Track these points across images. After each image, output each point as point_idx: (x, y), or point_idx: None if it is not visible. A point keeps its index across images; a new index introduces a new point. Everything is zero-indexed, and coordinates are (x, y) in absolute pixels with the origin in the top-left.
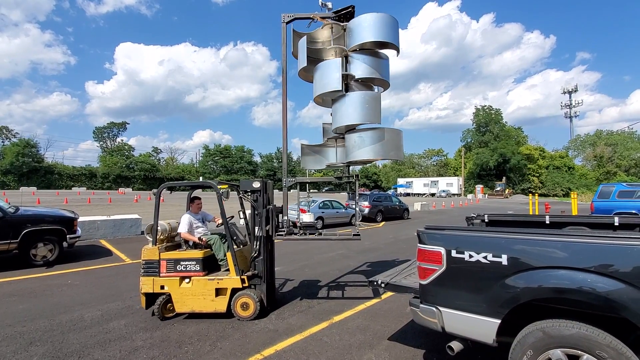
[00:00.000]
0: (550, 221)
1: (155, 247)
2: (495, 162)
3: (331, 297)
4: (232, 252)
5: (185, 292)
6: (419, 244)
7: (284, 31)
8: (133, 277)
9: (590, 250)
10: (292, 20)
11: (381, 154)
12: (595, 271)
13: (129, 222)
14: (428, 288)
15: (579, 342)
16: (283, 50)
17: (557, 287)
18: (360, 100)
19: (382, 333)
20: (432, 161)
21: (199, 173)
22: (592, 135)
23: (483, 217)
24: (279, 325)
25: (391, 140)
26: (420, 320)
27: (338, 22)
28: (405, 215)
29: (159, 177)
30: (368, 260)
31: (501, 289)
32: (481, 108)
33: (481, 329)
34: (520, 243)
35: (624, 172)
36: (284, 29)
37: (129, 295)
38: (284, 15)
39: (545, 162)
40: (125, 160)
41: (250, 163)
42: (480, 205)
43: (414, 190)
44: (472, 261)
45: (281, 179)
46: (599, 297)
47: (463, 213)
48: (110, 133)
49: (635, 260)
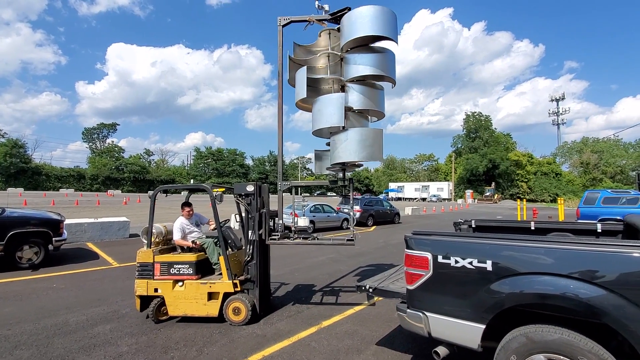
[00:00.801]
0: (535, 227)
1: (149, 249)
2: (484, 167)
3: (320, 302)
4: (224, 255)
5: (178, 296)
6: (406, 249)
7: (280, 34)
8: (120, 281)
9: (572, 257)
10: (288, 23)
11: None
12: (577, 277)
13: (117, 225)
14: (415, 293)
15: (562, 348)
16: (279, 54)
17: (541, 293)
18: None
19: (370, 338)
20: (424, 166)
21: (190, 176)
22: (578, 143)
23: (470, 223)
24: (267, 331)
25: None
26: (407, 326)
27: (334, 23)
28: (396, 220)
29: (149, 179)
30: (358, 265)
31: (486, 294)
32: (471, 114)
33: (466, 334)
34: (504, 249)
35: (609, 178)
36: (280, 32)
37: (115, 300)
38: (280, 18)
39: (533, 168)
40: (114, 161)
41: (242, 166)
42: (470, 210)
43: (405, 194)
44: (457, 266)
45: (273, 182)
46: (581, 303)
47: (452, 218)
48: (100, 134)
49: (615, 267)
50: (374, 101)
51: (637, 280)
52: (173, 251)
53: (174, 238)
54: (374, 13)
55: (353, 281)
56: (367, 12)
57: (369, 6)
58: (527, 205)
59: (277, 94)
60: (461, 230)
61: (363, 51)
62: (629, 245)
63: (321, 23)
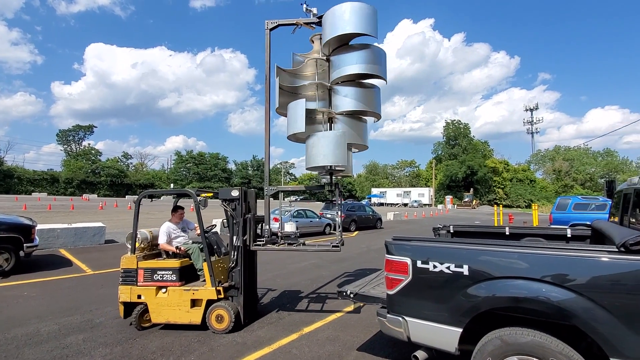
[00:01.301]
0: (509, 232)
1: (133, 255)
2: (463, 174)
3: (302, 308)
4: (208, 262)
5: (161, 302)
6: (386, 255)
7: (268, 38)
8: (94, 289)
9: (544, 261)
10: (275, 27)
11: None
12: (549, 281)
13: (92, 231)
14: (395, 298)
15: (534, 350)
16: (267, 57)
17: (515, 297)
18: (356, 10)
19: (351, 344)
20: (405, 172)
21: (170, 180)
22: (551, 151)
23: (449, 228)
24: (247, 338)
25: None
26: (387, 331)
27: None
28: (378, 225)
29: (127, 183)
30: (341, 270)
31: (463, 298)
32: (451, 122)
33: (444, 338)
34: (480, 254)
35: (580, 185)
36: (267, 36)
37: (89, 308)
38: (267, 22)
39: (509, 174)
40: (91, 165)
41: (224, 170)
42: (450, 216)
43: (387, 200)
44: (436, 271)
45: (256, 187)
46: (552, 306)
47: (433, 223)
48: (76, 136)
49: (584, 272)
50: (364, 101)
51: (604, 284)
52: (158, 257)
53: (159, 242)
54: (353, 9)
55: (335, 287)
56: (347, 9)
57: (349, 3)
58: (504, 211)
59: (265, 98)
60: (440, 236)
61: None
62: (597, 251)
63: (309, 26)
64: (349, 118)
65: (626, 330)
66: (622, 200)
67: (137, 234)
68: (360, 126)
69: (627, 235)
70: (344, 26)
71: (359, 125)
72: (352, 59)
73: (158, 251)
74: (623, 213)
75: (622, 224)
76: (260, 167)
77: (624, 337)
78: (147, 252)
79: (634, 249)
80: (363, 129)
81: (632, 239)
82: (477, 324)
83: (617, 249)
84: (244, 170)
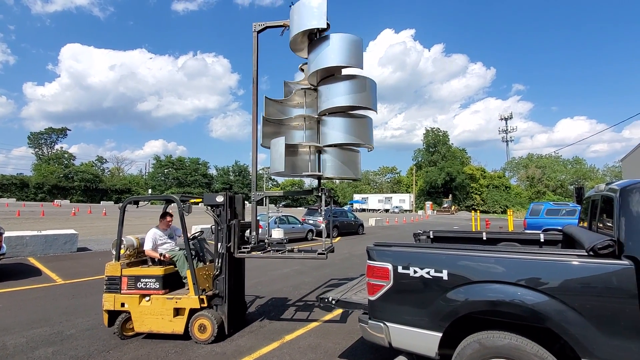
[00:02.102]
0: (487, 237)
1: (118, 262)
2: (442, 180)
3: (284, 315)
4: (191, 269)
5: (145, 311)
6: (368, 260)
7: (256, 40)
8: (65, 300)
9: (519, 266)
10: (263, 29)
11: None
12: (524, 285)
13: (63, 238)
14: (376, 304)
15: (511, 352)
16: (254, 59)
17: (492, 300)
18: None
19: (333, 351)
20: (387, 178)
21: (148, 185)
22: (524, 158)
23: (429, 234)
24: (226, 348)
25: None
26: (368, 337)
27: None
28: (360, 231)
29: (102, 188)
30: (322, 276)
31: (442, 302)
32: (431, 130)
33: (424, 343)
34: (459, 259)
35: (551, 192)
36: (255, 39)
37: (59, 320)
38: (255, 24)
39: (485, 181)
40: (63, 169)
41: (205, 176)
42: (430, 221)
43: (369, 206)
44: (416, 276)
45: (237, 192)
46: (527, 309)
47: (413, 228)
48: (48, 139)
49: (556, 275)
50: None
51: (575, 287)
52: (144, 264)
53: (145, 248)
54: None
55: (317, 293)
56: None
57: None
58: (481, 217)
59: (252, 101)
60: (420, 241)
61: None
62: (567, 255)
63: None
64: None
65: (596, 332)
66: (590, 206)
67: (123, 241)
68: (352, 157)
69: (596, 240)
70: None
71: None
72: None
73: (145, 258)
74: (591, 218)
75: (590, 228)
76: (242, 172)
77: (594, 338)
78: (134, 259)
79: (602, 252)
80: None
81: (599, 243)
82: (457, 328)
83: (587, 252)
84: (225, 176)
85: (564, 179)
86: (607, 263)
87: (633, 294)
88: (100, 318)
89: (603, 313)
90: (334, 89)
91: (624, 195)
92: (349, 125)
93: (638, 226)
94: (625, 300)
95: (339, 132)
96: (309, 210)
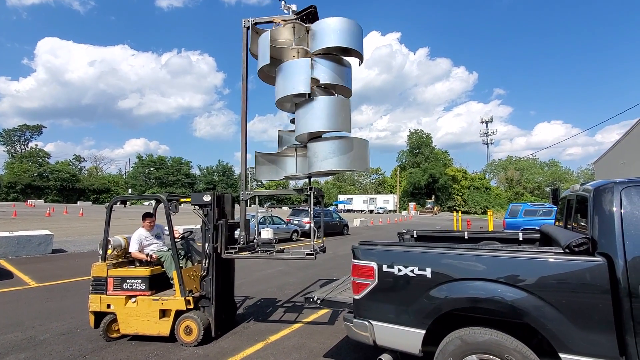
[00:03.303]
0: (468, 236)
1: (104, 263)
2: (425, 181)
3: (268, 316)
4: (177, 270)
5: (130, 313)
6: (353, 260)
7: (245, 37)
8: (38, 303)
9: (499, 263)
10: (253, 25)
11: (347, 165)
12: (503, 282)
13: (37, 239)
14: (361, 302)
15: (491, 348)
16: (244, 56)
17: (473, 297)
18: (329, 106)
19: (317, 351)
20: (371, 179)
21: (128, 185)
22: (504, 161)
23: (412, 233)
24: (209, 350)
25: (358, 150)
26: (353, 335)
27: (301, 24)
28: (344, 231)
29: (79, 188)
30: (307, 277)
31: (426, 300)
32: (414, 132)
33: (408, 340)
34: (442, 257)
35: (529, 193)
36: (245, 35)
37: (32, 325)
38: (244, 20)
39: (467, 182)
40: (38, 167)
41: (187, 175)
42: (413, 222)
43: (354, 206)
44: (401, 275)
45: (226, 193)
46: (506, 305)
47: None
48: (22, 136)
49: (533, 272)
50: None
51: (551, 283)
52: (131, 265)
53: (130, 250)
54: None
55: (302, 293)
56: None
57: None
58: (462, 217)
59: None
60: (404, 240)
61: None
62: (545, 252)
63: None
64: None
65: (572, 326)
66: (566, 206)
67: (110, 241)
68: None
69: (571, 238)
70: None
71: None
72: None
73: (131, 259)
74: (567, 218)
75: (566, 227)
76: (226, 172)
77: (569, 332)
78: (121, 260)
79: (577, 250)
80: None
81: (574, 240)
82: (439, 325)
83: (563, 250)
84: (209, 176)
85: (540, 181)
86: (582, 260)
87: (605, 289)
88: (77, 322)
89: (578, 308)
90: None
91: (597, 195)
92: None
93: (611, 224)
94: (598, 296)
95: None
96: (294, 211)
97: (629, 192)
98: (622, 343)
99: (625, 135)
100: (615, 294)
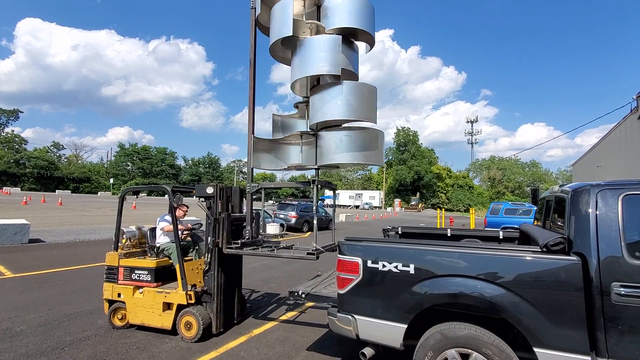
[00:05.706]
0: (451, 234)
1: (116, 252)
2: (411, 178)
3: (252, 310)
4: (180, 263)
5: (137, 303)
6: (338, 255)
7: (253, 17)
8: (14, 294)
9: (480, 260)
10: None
11: (363, 159)
12: (483, 278)
13: (13, 228)
14: (345, 297)
15: (470, 342)
16: (251, 39)
17: (453, 293)
18: (355, 93)
19: (301, 344)
20: (358, 175)
21: (109, 174)
22: (487, 160)
23: (397, 230)
24: (192, 343)
25: (375, 143)
26: (336, 329)
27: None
28: (330, 226)
29: (58, 176)
30: (292, 271)
31: (408, 295)
32: (401, 129)
33: (390, 334)
34: (425, 254)
35: (510, 192)
36: (253, 15)
37: (8, 316)
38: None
39: (451, 181)
40: (14, 154)
41: (172, 166)
42: (398, 218)
43: (340, 202)
44: (385, 270)
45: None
46: (485, 301)
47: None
48: None
49: (512, 269)
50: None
51: (528, 280)
52: (142, 256)
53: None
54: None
55: (286, 287)
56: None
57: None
58: (446, 214)
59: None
60: (389, 237)
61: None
62: (522, 250)
63: None
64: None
65: (546, 322)
66: (545, 206)
67: (124, 230)
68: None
69: (549, 237)
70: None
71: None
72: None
73: (144, 249)
74: (545, 217)
75: (545, 227)
76: (213, 164)
77: (544, 328)
78: (133, 250)
79: (554, 249)
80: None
81: (552, 240)
82: (421, 319)
83: (540, 249)
84: (194, 167)
85: (521, 181)
86: (558, 259)
87: (579, 287)
88: (54, 314)
89: (552, 305)
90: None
91: (575, 196)
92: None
93: (586, 225)
94: (572, 293)
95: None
96: (280, 205)
97: (605, 194)
98: (592, 338)
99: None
100: (588, 291)
